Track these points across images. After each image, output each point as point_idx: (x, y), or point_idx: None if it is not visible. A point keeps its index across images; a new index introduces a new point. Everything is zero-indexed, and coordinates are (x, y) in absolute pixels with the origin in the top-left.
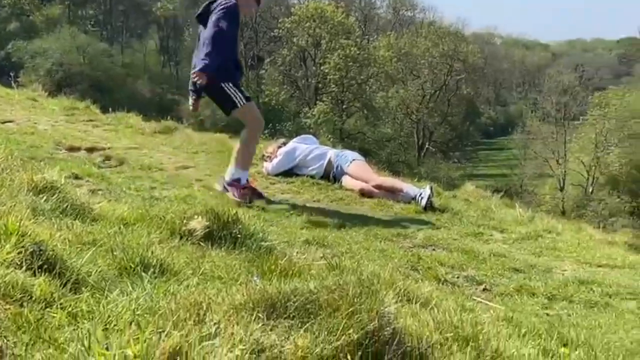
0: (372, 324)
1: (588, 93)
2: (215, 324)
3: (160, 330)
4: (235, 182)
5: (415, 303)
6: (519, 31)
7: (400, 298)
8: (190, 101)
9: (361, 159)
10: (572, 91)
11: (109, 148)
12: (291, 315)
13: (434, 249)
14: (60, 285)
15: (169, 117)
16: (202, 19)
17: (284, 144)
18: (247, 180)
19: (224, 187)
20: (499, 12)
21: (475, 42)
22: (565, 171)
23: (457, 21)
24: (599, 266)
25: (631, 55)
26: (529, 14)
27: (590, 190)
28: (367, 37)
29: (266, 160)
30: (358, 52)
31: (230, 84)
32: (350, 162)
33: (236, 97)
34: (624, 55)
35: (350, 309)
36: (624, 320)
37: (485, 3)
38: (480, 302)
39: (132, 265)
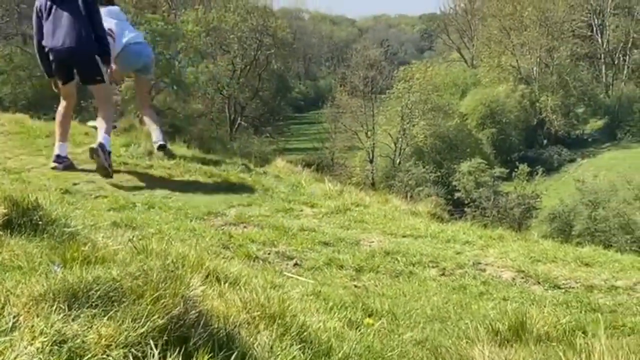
0: (177, 309)
1: (393, 67)
2: (14, 317)
3: None
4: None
5: (225, 283)
6: (326, 6)
7: (209, 279)
8: None
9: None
10: (379, 65)
11: None
12: (94, 304)
13: (245, 227)
14: None
15: None
16: None
17: None
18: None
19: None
20: None
21: (284, 17)
22: (374, 143)
23: None
24: (404, 236)
25: (432, 31)
26: None
27: (398, 161)
28: (174, 11)
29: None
30: (165, 26)
31: None
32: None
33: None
34: (425, 30)
35: (155, 295)
36: (426, 288)
37: None
38: (291, 277)
39: None
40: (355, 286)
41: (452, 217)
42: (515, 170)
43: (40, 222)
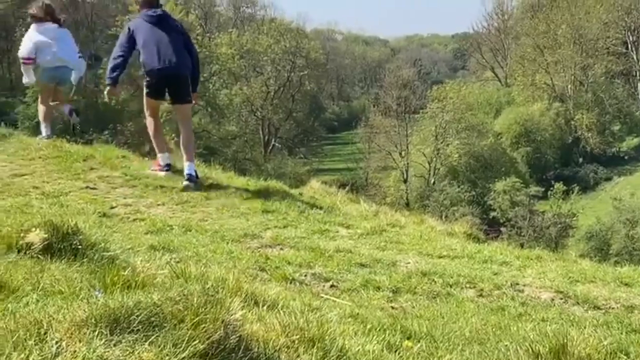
0: (217, 334)
1: (427, 87)
2: (56, 342)
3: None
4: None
5: (263, 306)
6: (358, 27)
7: (247, 302)
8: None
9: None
10: (412, 85)
11: None
12: (135, 329)
13: (281, 248)
14: None
15: (2, 122)
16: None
17: None
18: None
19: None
20: (338, 8)
21: (317, 39)
22: (408, 163)
23: (298, 17)
24: (440, 257)
25: (465, 50)
26: (367, 9)
27: (432, 181)
28: (208, 34)
29: None
30: (199, 49)
31: None
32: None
33: None
34: (458, 49)
35: (196, 320)
36: (464, 309)
37: None
38: (328, 299)
39: None
40: (393, 308)
41: (487, 237)
42: (551, 189)
43: (79, 247)
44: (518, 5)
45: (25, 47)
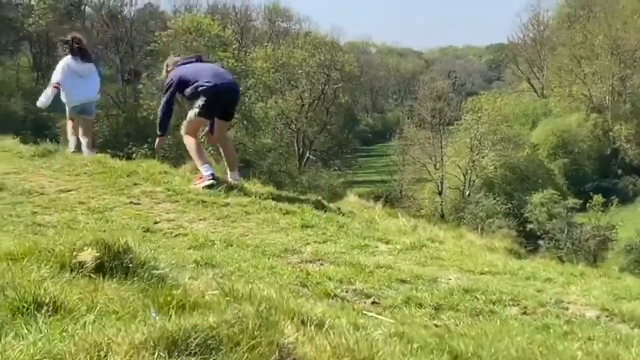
0: (272, 357)
1: (461, 98)
2: None
3: None
4: None
5: (310, 325)
6: (392, 39)
7: (294, 321)
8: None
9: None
10: (446, 97)
11: None
12: (192, 352)
13: (321, 264)
14: None
15: (45, 136)
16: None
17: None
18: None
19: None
20: (372, 21)
21: (351, 51)
22: (442, 175)
23: (332, 31)
24: (482, 273)
25: (500, 61)
26: (401, 22)
27: (468, 193)
28: (244, 48)
29: None
30: (236, 63)
31: None
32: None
33: None
34: (493, 61)
35: (251, 343)
36: (508, 327)
37: (358, 12)
38: (371, 316)
39: (25, 305)
40: (436, 325)
41: (526, 249)
42: (590, 201)
43: (130, 265)
44: (554, 16)
45: (55, 76)
